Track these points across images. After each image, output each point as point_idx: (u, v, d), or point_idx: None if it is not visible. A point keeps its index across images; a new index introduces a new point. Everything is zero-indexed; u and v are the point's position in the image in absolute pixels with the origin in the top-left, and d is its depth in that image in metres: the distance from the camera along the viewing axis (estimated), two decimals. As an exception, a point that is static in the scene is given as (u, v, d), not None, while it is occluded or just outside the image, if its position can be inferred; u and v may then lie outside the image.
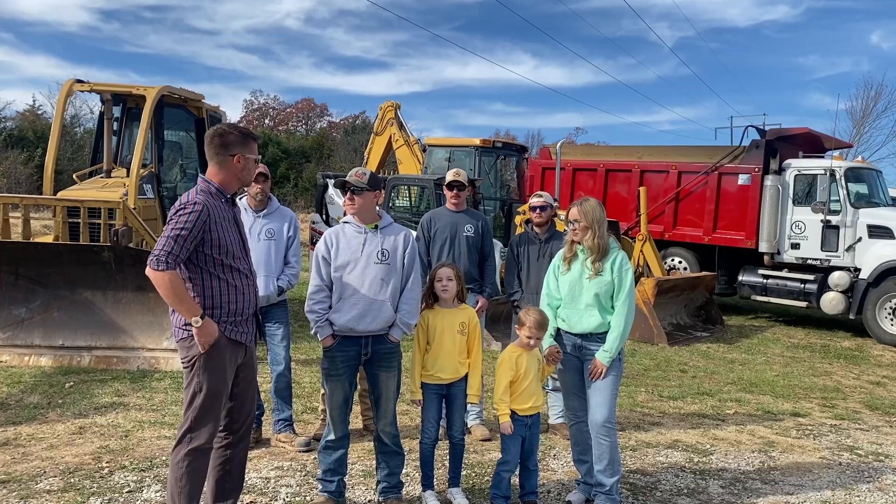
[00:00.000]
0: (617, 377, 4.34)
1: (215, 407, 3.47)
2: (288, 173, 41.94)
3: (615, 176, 14.83)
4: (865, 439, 6.20)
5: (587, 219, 4.34)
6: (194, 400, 3.43)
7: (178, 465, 3.42)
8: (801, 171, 12.63)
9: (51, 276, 7.38)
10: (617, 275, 4.32)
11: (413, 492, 4.53)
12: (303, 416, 5.96)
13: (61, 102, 9.37)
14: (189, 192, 3.50)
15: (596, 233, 4.33)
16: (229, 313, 3.51)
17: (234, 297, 3.53)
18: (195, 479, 3.45)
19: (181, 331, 3.47)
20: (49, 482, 4.40)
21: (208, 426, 3.45)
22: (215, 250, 3.45)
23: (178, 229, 3.34)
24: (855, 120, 36.41)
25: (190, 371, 3.45)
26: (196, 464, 3.44)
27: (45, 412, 5.76)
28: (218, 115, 11.05)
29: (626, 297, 4.32)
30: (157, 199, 9.69)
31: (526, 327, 4.32)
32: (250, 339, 3.67)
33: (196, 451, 3.43)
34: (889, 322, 11.36)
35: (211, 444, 3.51)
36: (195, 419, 3.43)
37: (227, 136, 3.54)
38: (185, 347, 3.47)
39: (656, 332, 10.19)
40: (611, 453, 4.28)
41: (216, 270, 3.47)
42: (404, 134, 16.84)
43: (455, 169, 5.91)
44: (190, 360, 3.45)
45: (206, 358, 3.42)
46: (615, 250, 4.40)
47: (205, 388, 3.42)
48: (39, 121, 39.81)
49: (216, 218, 3.45)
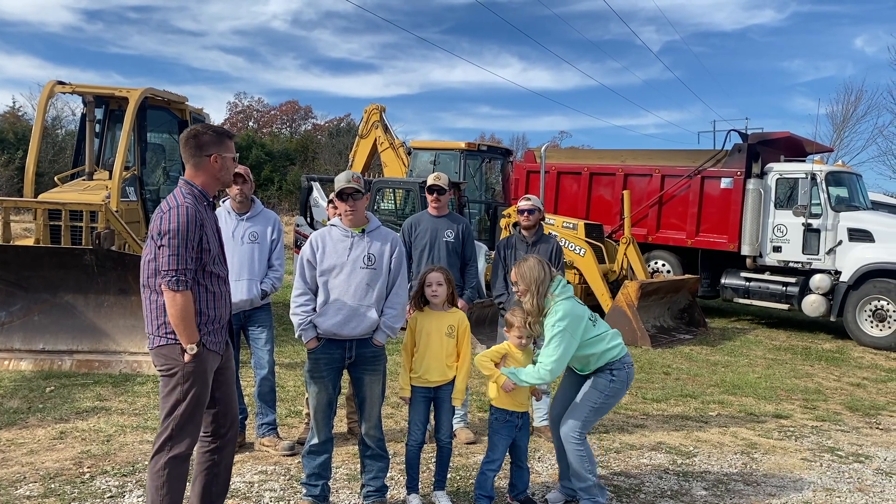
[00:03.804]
0: (602, 394, 4.30)
1: (197, 415, 3.42)
2: (272, 176, 41.77)
3: (599, 179, 14.89)
4: (846, 440, 6.27)
5: (524, 281, 4.27)
6: (176, 408, 3.35)
7: (159, 474, 3.36)
8: (782, 174, 12.75)
9: (31, 279, 7.30)
10: (548, 329, 4.20)
11: (398, 495, 4.52)
12: (287, 420, 5.94)
13: (42, 104, 9.29)
14: (173, 195, 3.42)
15: (535, 295, 4.23)
16: (209, 321, 3.45)
17: (212, 304, 3.47)
18: (176, 486, 3.39)
19: (161, 338, 3.39)
20: (29, 488, 4.35)
21: (189, 435, 3.40)
22: (204, 255, 3.39)
23: (178, 239, 3.27)
24: (835, 124, 36.80)
25: (171, 379, 3.37)
26: (176, 471, 3.38)
27: (26, 417, 5.69)
28: (201, 117, 10.99)
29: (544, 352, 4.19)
30: (139, 202, 9.63)
31: (515, 328, 4.33)
32: (223, 349, 3.59)
33: (176, 459, 3.37)
34: (869, 324, 11.49)
35: (191, 452, 3.46)
36: (176, 427, 3.36)
37: (201, 137, 3.48)
38: (163, 355, 3.39)
39: (640, 334, 10.24)
40: (577, 462, 4.28)
41: (198, 277, 3.40)
42: (389, 137, 16.82)
43: (436, 173, 5.92)
44: (171, 370, 3.37)
45: (191, 367, 3.35)
46: (554, 304, 4.23)
47: (189, 397, 3.35)
48: (20, 122, 39.35)
49: (205, 223, 3.41)
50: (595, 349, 4.29)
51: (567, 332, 4.14)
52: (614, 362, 4.30)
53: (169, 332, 3.36)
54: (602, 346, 4.30)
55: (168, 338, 3.37)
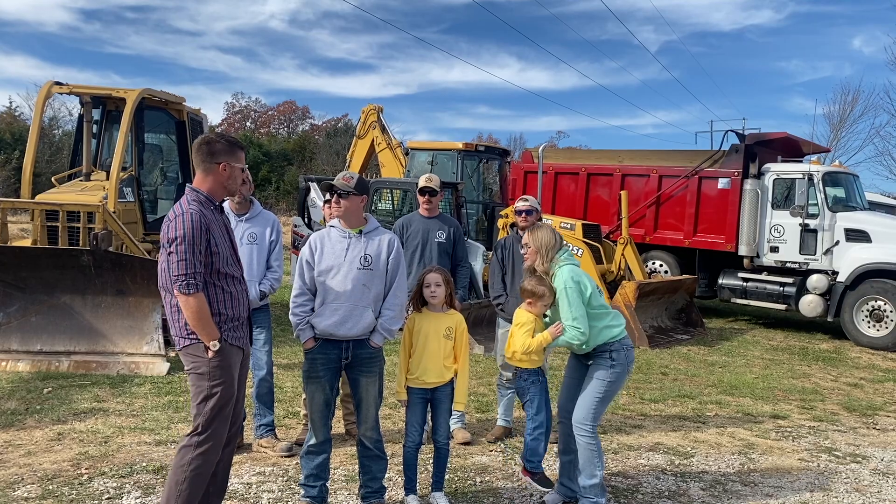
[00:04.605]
0: (605, 382, 4.35)
1: (226, 410, 3.50)
2: (269, 176, 41.75)
3: (597, 180, 14.91)
4: (843, 441, 6.28)
5: (535, 243, 4.45)
6: (206, 404, 3.44)
7: (182, 469, 3.41)
8: (779, 175, 12.77)
9: (29, 280, 7.30)
10: None
11: (396, 496, 4.53)
12: (285, 421, 5.93)
13: (40, 104, 9.27)
14: (179, 203, 3.52)
15: (543, 258, 4.42)
16: (228, 319, 3.54)
17: (230, 304, 3.56)
18: (197, 484, 3.45)
19: (184, 339, 3.48)
20: (27, 489, 4.35)
21: (218, 431, 3.48)
22: (214, 258, 3.48)
23: (185, 244, 3.35)
24: (832, 124, 36.85)
25: (200, 378, 3.46)
26: (201, 469, 3.44)
27: (23, 418, 5.69)
28: (199, 117, 10.98)
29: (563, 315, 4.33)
30: (137, 203, 9.62)
31: (539, 297, 4.41)
32: (246, 343, 3.71)
33: (204, 455, 3.44)
34: (866, 324, 11.51)
35: (220, 449, 3.53)
36: (206, 423, 3.44)
37: (213, 145, 3.60)
38: (190, 354, 3.48)
39: (637, 334, 10.25)
40: (586, 456, 4.30)
41: (212, 278, 3.50)
42: (387, 137, 16.81)
43: (427, 175, 5.93)
44: (199, 368, 3.46)
45: (217, 363, 3.45)
46: (559, 268, 4.41)
47: (218, 393, 3.44)
48: (17, 122, 39.27)
49: (211, 226, 3.48)
50: (600, 322, 4.36)
51: (573, 290, 4.29)
52: (613, 342, 4.37)
53: (191, 332, 3.46)
54: (606, 320, 4.39)
55: (191, 338, 3.46)
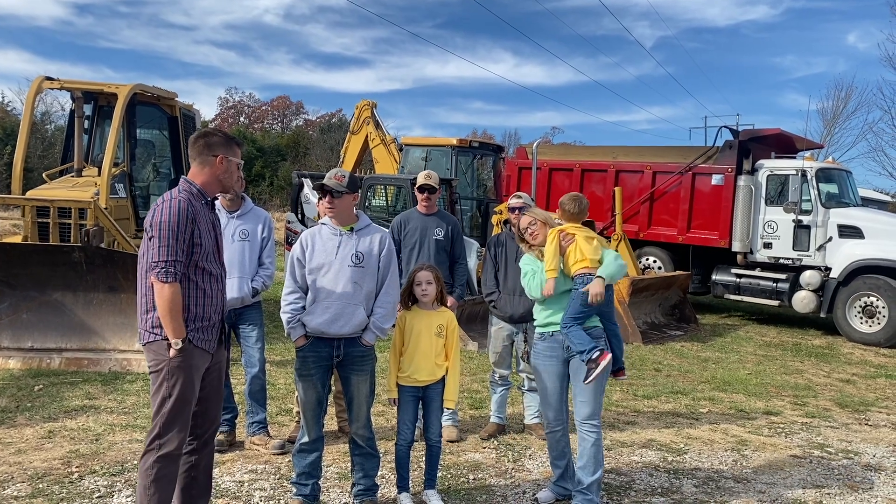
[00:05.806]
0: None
1: (185, 412, 3.42)
2: (263, 172, 41.56)
3: (591, 176, 14.92)
4: (835, 437, 6.30)
5: (537, 217, 4.68)
6: (163, 406, 3.37)
7: (147, 473, 3.37)
8: (773, 171, 12.79)
9: (20, 276, 7.25)
10: None
11: (388, 494, 4.52)
12: (277, 419, 5.92)
13: (31, 99, 9.19)
14: (169, 192, 3.47)
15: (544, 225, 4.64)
16: (196, 318, 3.45)
17: (201, 302, 3.48)
18: (165, 486, 3.40)
19: (150, 334, 3.41)
20: (17, 488, 4.32)
21: (178, 432, 3.40)
22: (196, 249, 3.42)
23: (168, 230, 3.30)
24: (826, 121, 36.91)
25: (158, 376, 3.39)
26: (165, 471, 3.39)
27: (14, 416, 5.65)
28: (191, 113, 10.92)
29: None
30: (129, 199, 9.55)
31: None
32: (213, 347, 3.58)
33: (165, 458, 3.38)
34: (858, 320, 11.55)
35: (181, 451, 3.46)
36: (164, 425, 3.37)
37: (211, 138, 3.58)
38: (153, 351, 3.41)
39: (631, 331, 10.26)
40: (592, 451, 4.29)
41: (188, 271, 3.42)
42: (380, 133, 16.77)
43: (426, 171, 5.91)
44: (158, 366, 3.39)
45: (176, 363, 3.37)
46: None
47: (175, 394, 3.36)
48: (8, 117, 38.96)
49: (197, 217, 3.43)
50: None
51: (620, 257, 4.51)
52: None
53: (156, 327, 3.38)
54: None
55: (155, 333, 3.39)
